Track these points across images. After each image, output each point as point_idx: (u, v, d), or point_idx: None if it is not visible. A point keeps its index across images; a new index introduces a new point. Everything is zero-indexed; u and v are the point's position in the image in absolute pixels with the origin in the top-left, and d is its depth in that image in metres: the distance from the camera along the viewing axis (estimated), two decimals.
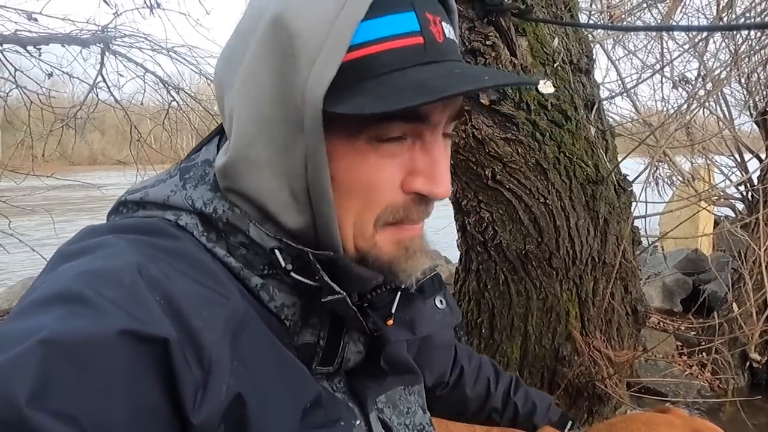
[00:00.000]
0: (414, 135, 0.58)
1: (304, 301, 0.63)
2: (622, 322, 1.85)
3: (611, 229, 1.71)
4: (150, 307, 0.47)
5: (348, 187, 0.57)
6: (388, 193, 0.58)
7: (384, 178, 0.57)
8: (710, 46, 3.68)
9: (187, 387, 0.46)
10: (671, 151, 3.95)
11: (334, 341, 0.66)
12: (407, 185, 0.58)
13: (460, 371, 1.04)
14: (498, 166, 1.51)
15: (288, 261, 0.59)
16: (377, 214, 0.59)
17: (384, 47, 0.54)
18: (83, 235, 0.57)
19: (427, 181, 0.58)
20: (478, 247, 1.74)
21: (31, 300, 0.48)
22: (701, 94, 3.13)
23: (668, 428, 0.83)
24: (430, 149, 0.58)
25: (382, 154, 0.57)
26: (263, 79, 0.55)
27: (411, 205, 0.59)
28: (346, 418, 0.63)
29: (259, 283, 0.60)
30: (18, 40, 4.58)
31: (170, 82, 5.88)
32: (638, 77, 4.01)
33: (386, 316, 0.68)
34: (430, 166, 0.58)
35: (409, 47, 0.54)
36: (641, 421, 0.85)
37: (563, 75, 1.55)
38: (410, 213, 0.60)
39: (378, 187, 0.57)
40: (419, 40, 0.55)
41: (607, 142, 1.78)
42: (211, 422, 0.48)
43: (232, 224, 0.59)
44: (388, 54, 0.54)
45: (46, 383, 0.40)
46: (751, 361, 3.57)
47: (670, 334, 3.48)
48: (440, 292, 0.74)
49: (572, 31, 1.64)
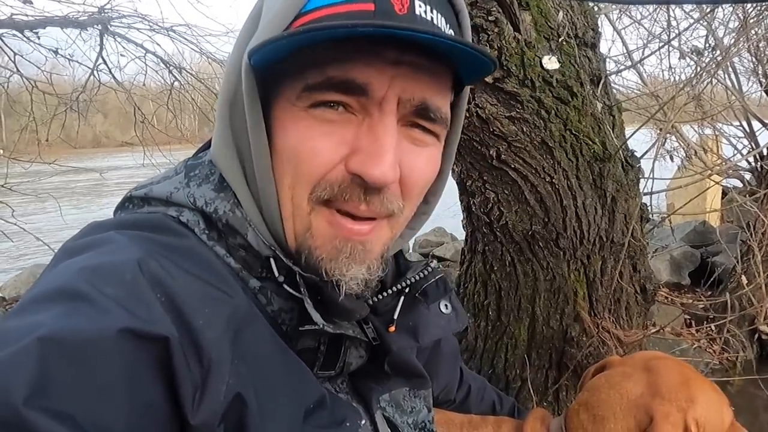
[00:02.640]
0: (361, 111, 0.55)
1: (301, 308, 0.60)
2: (630, 301, 1.83)
3: (619, 207, 1.68)
4: (151, 305, 0.47)
5: (283, 155, 0.56)
6: (322, 164, 0.55)
7: (317, 146, 0.55)
8: (718, 14, 3.61)
9: (186, 387, 0.45)
10: (679, 124, 3.90)
11: (335, 346, 0.64)
12: (347, 164, 0.55)
13: (467, 390, 1.05)
14: (503, 146, 1.47)
15: (281, 272, 0.58)
16: (312, 186, 0.56)
17: (329, 12, 0.52)
18: (87, 231, 0.57)
19: (364, 160, 0.54)
20: (483, 228, 1.71)
21: (32, 296, 0.47)
22: (710, 65, 3.07)
23: (625, 379, 0.88)
24: (374, 128, 0.55)
25: (316, 120, 0.54)
26: (237, 47, 0.58)
27: (348, 185, 0.56)
28: (352, 419, 0.62)
29: (257, 286, 0.59)
30: (14, 25, 4.54)
31: (171, 62, 5.85)
32: (645, 48, 3.94)
33: (388, 322, 0.66)
34: (370, 144, 0.54)
35: (354, 12, 0.52)
36: (604, 379, 0.92)
37: (568, 50, 1.50)
38: (345, 192, 0.56)
39: (310, 154, 0.55)
40: (369, 7, 0.52)
41: (614, 117, 1.74)
42: (210, 422, 0.47)
43: (231, 226, 0.58)
44: (332, 17, 0.52)
45: (44, 382, 0.40)
46: (759, 334, 3.56)
47: (682, 312, 3.46)
48: (446, 296, 0.72)
49: (577, 3, 1.59)
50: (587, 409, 0.88)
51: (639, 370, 0.89)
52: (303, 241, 0.58)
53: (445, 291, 0.72)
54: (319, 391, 0.59)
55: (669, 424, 0.79)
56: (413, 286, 0.69)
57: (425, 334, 0.68)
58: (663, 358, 0.93)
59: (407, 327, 0.67)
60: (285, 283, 0.58)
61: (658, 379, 0.86)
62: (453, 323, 0.72)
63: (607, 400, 0.87)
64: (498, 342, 1.84)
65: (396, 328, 0.66)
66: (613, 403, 0.86)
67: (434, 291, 0.71)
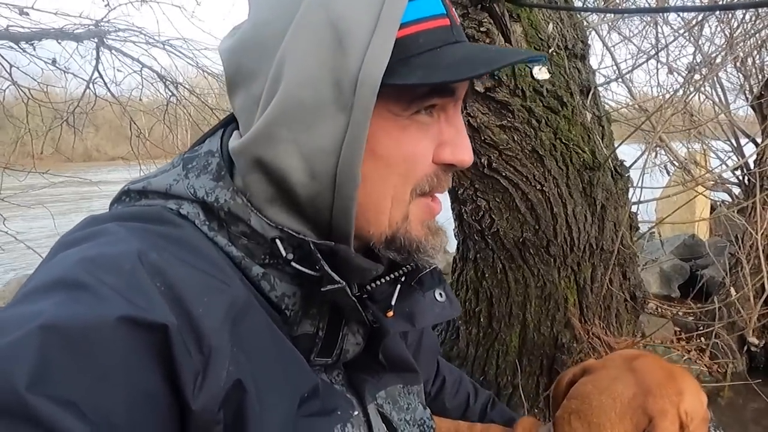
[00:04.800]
0: (440, 109, 0.62)
1: (305, 292, 0.62)
2: (620, 309, 1.85)
3: (609, 215, 1.71)
4: (150, 293, 0.47)
5: (389, 161, 0.60)
6: (425, 164, 0.62)
7: (422, 150, 0.61)
8: (705, 30, 3.68)
9: (186, 373, 0.46)
10: (667, 137, 3.95)
11: (333, 332, 0.66)
12: (437, 156, 0.62)
13: (441, 382, 1.05)
14: (494, 154, 1.50)
15: (289, 251, 0.59)
16: (414, 185, 0.62)
17: (421, 27, 0.58)
18: (85, 224, 0.57)
19: (455, 150, 0.62)
20: (475, 235, 1.73)
21: (31, 286, 0.48)
22: (697, 79, 3.12)
23: (613, 383, 0.88)
24: (453, 121, 0.63)
25: (419, 127, 0.60)
26: (302, 62, 0.56)
27: (440, 175, 0.63)
28: (343, 408, 0.63)
29: (260, 273, 0.60)
30: (10, 36, 4.54)
31: (168, 77, 5.84)
32: (634, 63, 3.99)
33: (386, 308, 0.68)
34: (455, 136, 0.63)
35: (440, 28, 0.59)
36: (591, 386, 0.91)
37: (558, 61, 1.54)
38: (440, 182, 0.64)
39: (417, 158, 0.61)
40: (446, 22, 0.59)
41: (603, 127, 1.77)
42: (211, 408, 0.48)
43: (233, 214, 0.59)
44: (425, 34, 0.58)
45: (45, 369, 0.40)
46: (749, 345, 3.57)
47: (668, 320, 3.48)
48: (440, 285, 0.75)
49: (567, 16, 1.63)
50: (580, 417, 0.88)
51: (624, 372, 0.89)
52: (399, 227, 0.63)
53: (440, 281, 0.75)
54: (314, 380, 0.60)
55: (668, 421, 0.80)
56: (409, 274, 0.70)
57: (421, 318, 0.70)
58: (642, 356, 0.93)
59: (404, 313, 0.69)
60: (294, 260, 0.59)
61: (645, 378, 0.87)
62: (447, 310, 0.74)
63: (600, 406, 0.86)
64: (489, 348, 1.86)
65: (393, 314, 0.68)
66: (606, 408, 0.85)
67: (429, 280, 0.73)
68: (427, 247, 0.65)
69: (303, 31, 0.56)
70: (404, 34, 0.56)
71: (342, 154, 0.57)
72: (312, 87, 0.56)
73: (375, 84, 0.54)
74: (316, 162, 0.57)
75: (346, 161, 0.57)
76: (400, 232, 0.63)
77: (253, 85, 0.60)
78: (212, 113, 5.92)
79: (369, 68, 0.54)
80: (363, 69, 0.54)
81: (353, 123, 0.56)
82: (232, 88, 0.63)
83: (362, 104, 0.55)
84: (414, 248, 0.64)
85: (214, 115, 5.84)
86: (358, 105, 0.55)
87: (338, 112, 0.56)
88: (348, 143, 0.56)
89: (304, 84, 0.56)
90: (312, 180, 0.58)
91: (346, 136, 0.56)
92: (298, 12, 0.56)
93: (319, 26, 0.56)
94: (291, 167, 0.58)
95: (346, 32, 0.55)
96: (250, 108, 0.60)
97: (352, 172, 0.57)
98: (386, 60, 0.54)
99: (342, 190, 0.58)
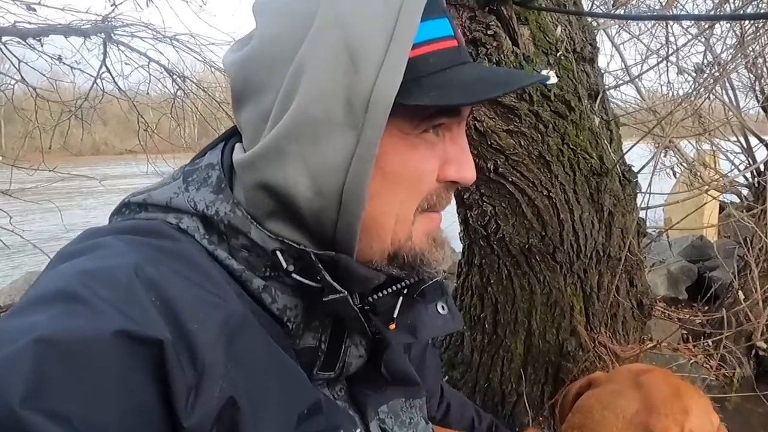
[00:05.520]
0: (446, 128, 0.63)
1: (306, 304, 0.63)
2: (627, 316, 1.83)
3: (616, 221, 1.68)
4: (145, 308, 0.47)
5: (395, 179, 0.60)
6: (430, 182, 0.63)
7: (428, 168, 0.62)
8: (716, 30, 3.62)
9: (180, 389, 0.46)
10: (677, 139, 3.91)
11: (335, 345, 0.66)
12: (441, 174, 0.63)
13: (447, 407, 1.06)
14: (500, 159, 1.48)
15: (290, 262, 0.60)
16: (419, 202, 0.63)
17: (431, 48, 0.59)
18: (84, 237, 0.58)
19: (459, 168, 0.64)
20: (480, 240, 1.71)
21: (28, 299, 0.48)
22: (707, 81, 3.08)
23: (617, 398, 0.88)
24: (457, 140, 0.64)
25: (427, 146, 0.61)
26: (317, 79, 0.56)
27: (442, 192, 0.65)
28: (346, 426, 0.63)
29: (261, 285, 0.60)
30: (18, 32, 4.55)
31: (175, 71, 5.85)
32: (643, 64, 3.95)
33: (388, 321, 0.68)
34: (459, 154, 0.64)
35: (448, 49, 0.60)
36: (594, 399, 0.91)
37: (566, 64, 1.52)
38: (441, 199, 0.65)
39: (424, 176, 0.62)
40: (454, 43, 0.61)
41: (611, 132, 1.75)
42: (203, 425, 0.47)
43: (233, 226, 0.59)
44: (435, 55, 0.59)
45: (40, 383, 0.40)
46: (757, 350, 3.54)
47: (678, 327, 3.45)
48: (442, 297, 0.74)
49: (575, 18, 1.60)
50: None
51: (629, 387, 0.89)
52: (402, 245, 0.64)
53: (442, 293, 0.75)
54: (315, 396, 0.60)
55: None
56: (411, 286, 0.70)
57: (424, 331, 0.70)
58: (650, 371, 0.92)
59: (406, 325, 0.69)
60: (295, 272, 0.59)
61: (650, 395, 0.85)
62: (450, 324, 0.74)
63: (602, 421, 0.86)
64: (494, 355, 1.84)
65: (396, 327, 0.68)
66: (609, 424, 0.85)
67: (432, 292, 0.73)
68: (431, 260, 0.65)
69: (318, 48, 0.56)
70: (415, 54, 0.57)
71: (350, 171, 0.57)
72: (324, 103, 0.56)
73: (388, 103, 0.55)
74: (323, 178, 0.57)
75: (354, 178, 0.57)
76: (404, 249, 0.63)
77: (261, 99, 0.59)
78: (219, 107, 5.93)
79: (382, 88, 0.55)
80: (376, 88, 0.55)
81: (364, 140, 0.56)
82: (238, 101, 0.63)
83: (374, 122, 0.55)
84: (417, 262, 0.64)
85: (221, 109, 5.86)
86: (369, 123, 0.55)
87: (348, 130, 0.56)
88: (357, 160, 0.56)
89: (317, 100, 0.56)
90: (317, 196, 0.58)
91: (356, 154, 0.56)
92: (311, 28, 0.56)
93: (333, 45, 0.55)
94: (297, 182, 0.58)
95: (359, 51, 0.55)
96: (258, 122, 0.60)
97: (360, 189, 0.57)
98: (399, 80, 0.55)
99: (348, 206, 0.58)
